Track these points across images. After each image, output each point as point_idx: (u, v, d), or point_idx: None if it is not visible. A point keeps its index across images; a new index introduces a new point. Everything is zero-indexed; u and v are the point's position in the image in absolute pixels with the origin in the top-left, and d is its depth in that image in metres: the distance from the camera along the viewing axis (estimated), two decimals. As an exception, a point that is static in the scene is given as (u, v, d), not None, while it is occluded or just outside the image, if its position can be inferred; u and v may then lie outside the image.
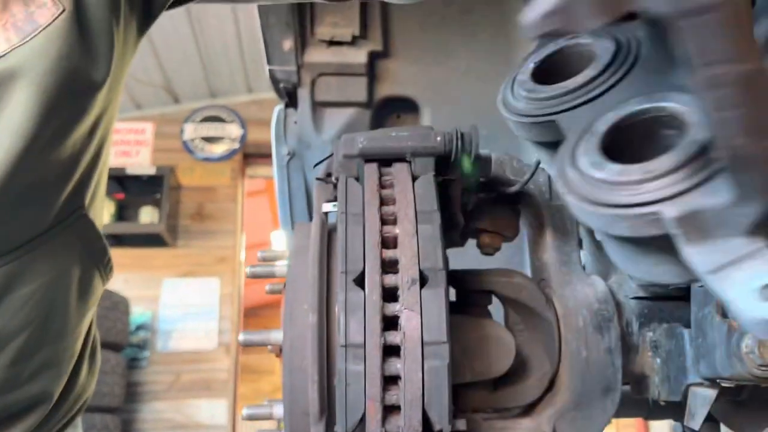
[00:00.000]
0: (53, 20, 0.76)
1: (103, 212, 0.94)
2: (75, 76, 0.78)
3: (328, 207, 0.67)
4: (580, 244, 0.82)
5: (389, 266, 0.56)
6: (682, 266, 0.41)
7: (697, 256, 0.38)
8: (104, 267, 0.91)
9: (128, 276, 4.17)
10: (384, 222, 0.59)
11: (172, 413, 4.18)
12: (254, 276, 0.67)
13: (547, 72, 0.56)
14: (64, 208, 0.81)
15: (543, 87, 0.54)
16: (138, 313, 4.26)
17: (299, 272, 0.61)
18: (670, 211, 0.38)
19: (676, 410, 0.71)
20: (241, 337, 0.62)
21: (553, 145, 0.54)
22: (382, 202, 0.61)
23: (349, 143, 0.65)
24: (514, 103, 0.54)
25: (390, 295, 0.55)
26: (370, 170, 0.64)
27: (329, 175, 0.69)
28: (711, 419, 0.83)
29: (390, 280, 0.55)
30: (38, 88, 0.74)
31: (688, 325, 0.67)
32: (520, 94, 0.55)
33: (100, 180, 0.91)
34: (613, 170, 0.42)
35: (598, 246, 0.78)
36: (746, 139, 0.34)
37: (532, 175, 0.73)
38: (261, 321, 6.80)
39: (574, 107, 0.51)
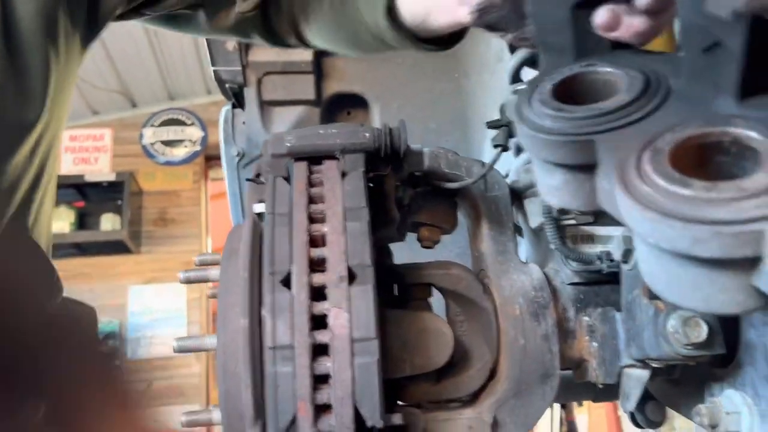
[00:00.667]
0: None
1: (50, 227, 0.92)
2: (4, 121, 0.74)
3: (259, 208, 0.66)
4: (519, 233, 0.83)
5: (317, 265, 0.56)
6: (750, 293, 0.40)
7: None
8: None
9: (93, 285, 4.10)
10: (312, 220, 0.59)
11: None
12: (188, 281, 0.66)
13: (563, 95, 0.56)
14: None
15: (575, 107, 0.53)
16: (105, 322, 4.19)
17: (231, 275, 0.61)
18: None
19: (615, 392, 0.73)
20: (175, 344, 0.62)
21: (578, 167, 0.52)
22: (311, 200, 0.60)
23: (278, 142, 0.65)
24: (539, 121, 0.53)
25: (318, 294, 0.55)
26: (299, 169, 0.63)
27: (259, 175, 0.69)
28: (654, 398, 0.85)
29: (318, 278, 0.55)
30: None
31: (621, 309, 0.68)
32: (544, 113, 0.54)
33: (45, 197, 0.89)
34: (702, 187, 0.40)
35: (535, 235, 0.80)
36: None
37: (484, 175, 0.73)
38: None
39: (617, 128, 0.50)
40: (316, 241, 0.58)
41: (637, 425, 0.89)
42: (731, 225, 0.37)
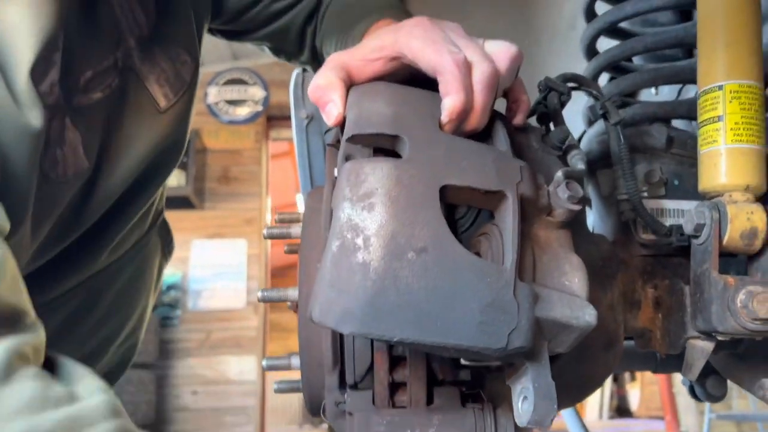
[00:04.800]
0: (193, 76, 0.84)
1: None
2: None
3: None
4: (588, 204, 0.84)
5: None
6: None
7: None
8: (170, 253, 1.05)
9: (158, 238, 4.28)
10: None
11: (203, 369, 4.34)
12: (271, 237, 0.70)
13: None
14: (155, 216, 0.94)
15: None
16: (168, 273, 4.38)
17: (312, 233, 0.65)
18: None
19: (678, 364, 0.74)
20: (260, 293, 0.66)
21: None
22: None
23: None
24: None
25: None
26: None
27: (339, 142, 0.71)
28: (716, 373, 0.86)
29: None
30: (186, 135, 0.88)
31: (689, 282, 0.69)
32: None
33: None
34: None
35: (605, 206, 0.80)
36: None
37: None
38: (287, 281, 6.92)
39: None
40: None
41: (696, 398, 0.91)
42: None
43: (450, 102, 0.55)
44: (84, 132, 0.71)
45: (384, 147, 0.55)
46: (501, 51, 0.60)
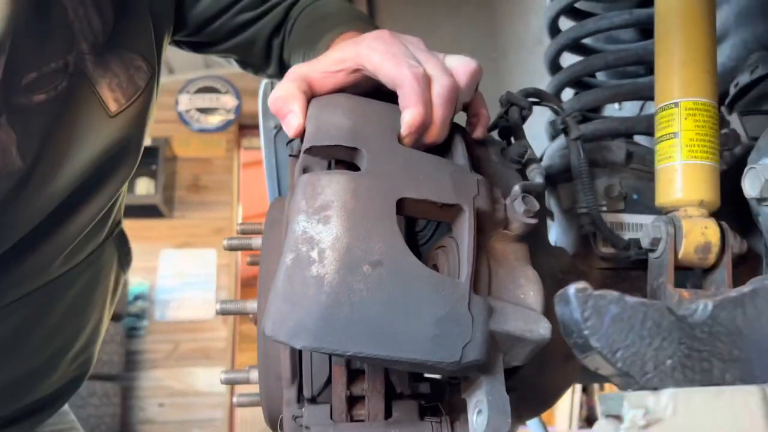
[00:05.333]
0: (148, 82, 0.82)
1: None
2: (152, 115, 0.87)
3: (301, 182, 0.69)
4: (550, 217, 0.85)
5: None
6: None
7: None
8: (128, 266, 1.03)
9: (126, 247, 4.21)
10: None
11: (170, 381, 4.27)
12: (231, 248, 0.69)
13: None
14: (113, 227, 0.93)
15: None
16: (135, 283, 4.31)
17: (273, 245, 0.64)
18: None
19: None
20: (218, 306, 0.65)
21: None
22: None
23: (321, 120, 0.68)
24: None
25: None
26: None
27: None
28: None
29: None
30: (139, 142, 0.85)
31: (646, 295, 0.70)
32: None
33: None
34: None
35: (566, 219, 0.81)
36: None
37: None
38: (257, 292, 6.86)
39: None
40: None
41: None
42: None
43: (409, 115, 0.55)
44: (21, 132, 0.70)
45: (343, 159, 0.55)
46: (461, 65, 0.61)
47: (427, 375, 0.68)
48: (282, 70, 0.97)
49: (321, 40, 0.81)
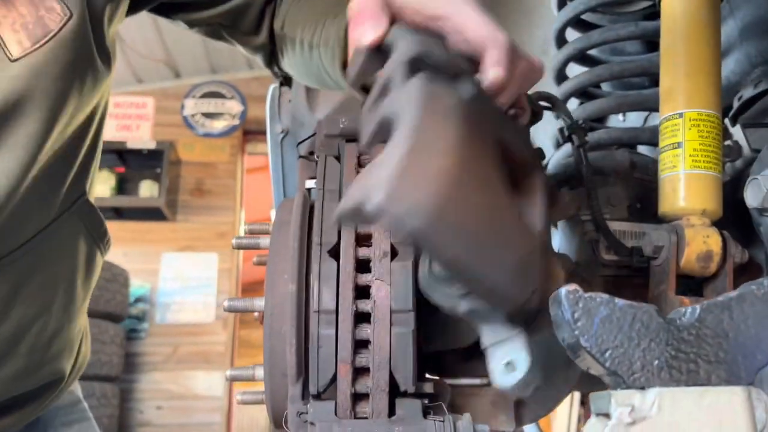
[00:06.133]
0: (63, 26, 0.72)
1: (95, 191, 0.96)
2: (85, 74, 0.76)
3: (310, 184, 0.70)
4: (553, 224, 0.86)
5: (363, 240, 0.60)
6: None
7: (483, 333, 0.54)
8: (104, 245, 0.93)
9: (128, 249, 4.22)
10: (360, 198, 0.63)
11: (169, 384, 4.26)
12: (239, 247, 0.70)
13: None
14: (67, 198, 0.82)
15: None
16: (137, 285, 4.32)
17: (281, 245, 0.65)
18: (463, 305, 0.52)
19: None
20: (226, 303, 0.66)
21: None
22: (360, 179, 0.64)
23: (332, 123, 0.69)
24: None
25: (363, 266, 0.59)
26: (350, 149, 0.67)
27: (312, 153, 0.73)
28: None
29: (363, 252, 0.59)
30: (52, 94, 0.72)
31: (647, 302, 0.71)
32: None
33: (97, 163, 0.91)
34: None
35: (569, 226, 0.82)
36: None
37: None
38: (258, 296, 6.86)
39: None
40: (363, 217, 0.62)
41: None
42: None
43: (494, 73, 0.55)
44: None
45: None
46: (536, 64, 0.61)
47: (446, 349, 0.69)
48: (271, 39, 0.90)
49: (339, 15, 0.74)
